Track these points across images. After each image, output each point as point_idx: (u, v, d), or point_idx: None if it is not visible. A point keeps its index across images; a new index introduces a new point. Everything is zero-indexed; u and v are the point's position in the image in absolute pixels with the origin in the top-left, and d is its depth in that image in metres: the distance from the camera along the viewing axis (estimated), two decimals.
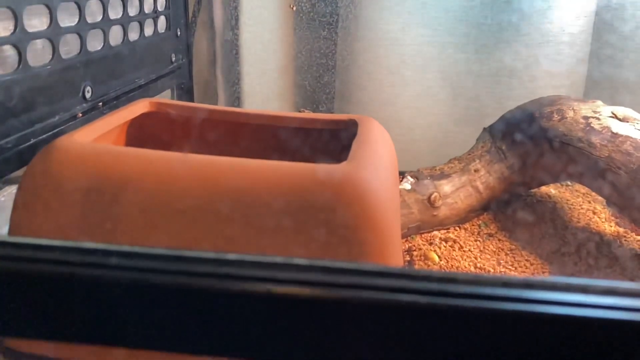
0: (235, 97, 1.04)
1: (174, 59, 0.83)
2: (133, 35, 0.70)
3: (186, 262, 0.20)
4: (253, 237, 0.29)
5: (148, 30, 0.74)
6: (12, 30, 0.46)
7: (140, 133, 0.55)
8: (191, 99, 0.92)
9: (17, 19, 0.46)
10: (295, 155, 0.53)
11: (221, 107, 0.58)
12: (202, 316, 0.20)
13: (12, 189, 0.62)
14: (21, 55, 0.47)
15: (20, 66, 0.47)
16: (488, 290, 0.18)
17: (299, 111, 0.98)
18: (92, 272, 0.20)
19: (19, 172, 0.51)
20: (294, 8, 0.99)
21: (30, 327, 0.21)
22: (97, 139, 0.44)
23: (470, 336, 0.18)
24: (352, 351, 0.19)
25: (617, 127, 0.66)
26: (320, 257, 0.25)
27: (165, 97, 0.85)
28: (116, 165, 0.33)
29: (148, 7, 0.73)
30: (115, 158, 0.34)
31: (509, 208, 0.76)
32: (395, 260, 0.34)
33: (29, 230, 0.34)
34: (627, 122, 0.67)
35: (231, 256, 0.20)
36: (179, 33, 0.84)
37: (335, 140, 0.53)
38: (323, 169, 0.32)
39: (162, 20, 0.78)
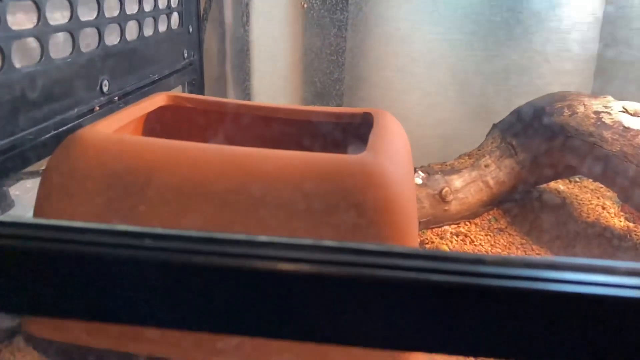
0: (246, 93, 1.04)
1: (186, 55, 0.84)
2: (148, 31, 0.70)
3: (218, 243, 0.21)
4: (285, 221, 0.30)
5: (162, 26, 0.75)
6: (35, 23, 0.47)
7: (155, 125, 0.56)
8: (202, 95, 0.93)
9: (40, 12, 0.47)
10: (303, 146, 0.54)
11: (232, 99, 0.59)
12: (233, 296, 0.20)
13: (25, 183, 0.63)
14: (43, 47, 0.48)
15: (43, 58, 0.48)
16: (514, 271, 0.19)
17: None
18: (128, 253, 0.21)
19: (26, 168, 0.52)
20: (305, 5, 0.99)
21: (64, 308, 0.21)
22: (118, 130, 0.45)
23: (498, 315, 0.19)
24: (383, 328, 0.19)
25: (629, 121, 0.67)
26: (350, 239, 0.26)
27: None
28: (147, 153, 0.34)
29: (162, 3, 0.74)
30: (145, 147, 0.35)
31: (519, 203, 0.77)
32: (415, 244, 0.35)
33: (57, 216, 0.35)
34: (638, 116, 0.68)
35: (262, 238, 0.21)
36: (191, 29, 0.85)
37: (350, 132, 0.54)
38: (349, 158, 0.33)
39: (175, 16, 0.79)
